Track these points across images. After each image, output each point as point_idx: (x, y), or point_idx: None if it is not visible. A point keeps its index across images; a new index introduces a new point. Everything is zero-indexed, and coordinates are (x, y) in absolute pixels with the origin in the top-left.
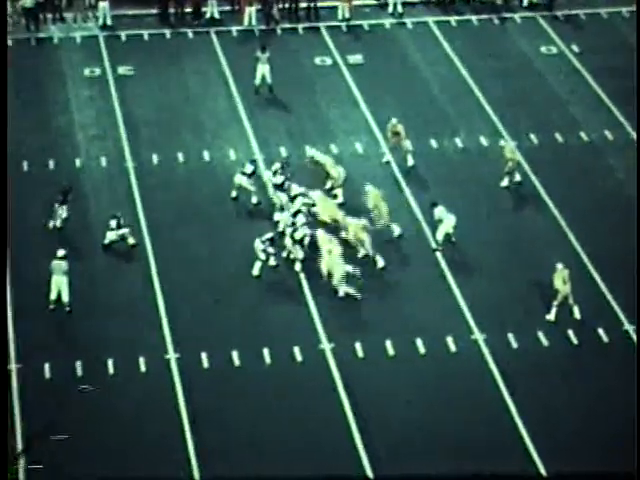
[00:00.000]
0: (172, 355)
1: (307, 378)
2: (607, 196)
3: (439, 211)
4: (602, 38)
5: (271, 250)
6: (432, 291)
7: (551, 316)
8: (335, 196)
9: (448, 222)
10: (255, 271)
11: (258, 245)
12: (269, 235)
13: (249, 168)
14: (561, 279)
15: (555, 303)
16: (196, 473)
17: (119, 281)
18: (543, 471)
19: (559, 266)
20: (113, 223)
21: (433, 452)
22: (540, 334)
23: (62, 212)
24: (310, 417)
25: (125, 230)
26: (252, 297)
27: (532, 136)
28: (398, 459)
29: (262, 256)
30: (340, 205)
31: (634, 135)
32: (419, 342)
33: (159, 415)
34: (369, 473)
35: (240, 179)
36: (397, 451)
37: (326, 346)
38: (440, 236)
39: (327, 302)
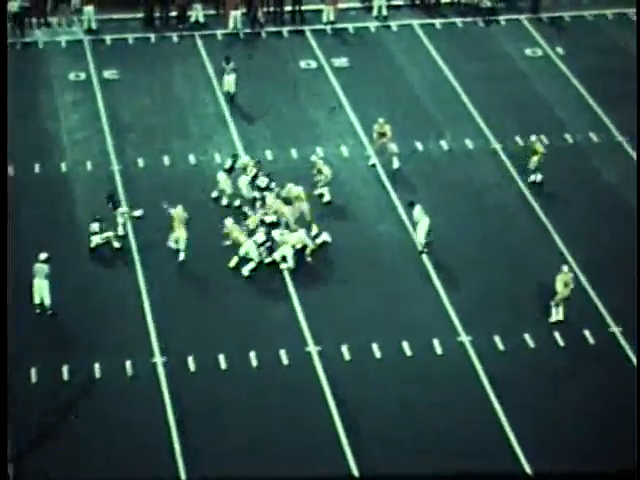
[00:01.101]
0: (159, 359)
1: (294, 381)
2: (593, 198)
3: (416, 211)
4: (587, 40)
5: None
6: (418, 293)
7: (552, 318)
8: (321, 195)
9: (423, 224)
10: (245, 272)
11: (252, 247)
12: (262, 237)
13: (228, 163)
14: (563, 282)
15: (552, 304)
16: (183, 475)
17: (106, 285)
18: (530, 471)
19: (564, 268)
20: (95, 226)
21: (420, 453)
22: (526, 336)
23: (124, 212)
24: (297, 420)
25: (110, 233)
26: (239, 300)
27: (517, 138)
28: (385, 460)
29: (256, 257)
30: (326, 204)
31: (619, 137)
32: (405, 344)
33: (146, 418)
34: (355, 473)
35: (220, 177)
36: (384, 452)
37: (312, 349)
38: (422, 237)
39: (313, 304)
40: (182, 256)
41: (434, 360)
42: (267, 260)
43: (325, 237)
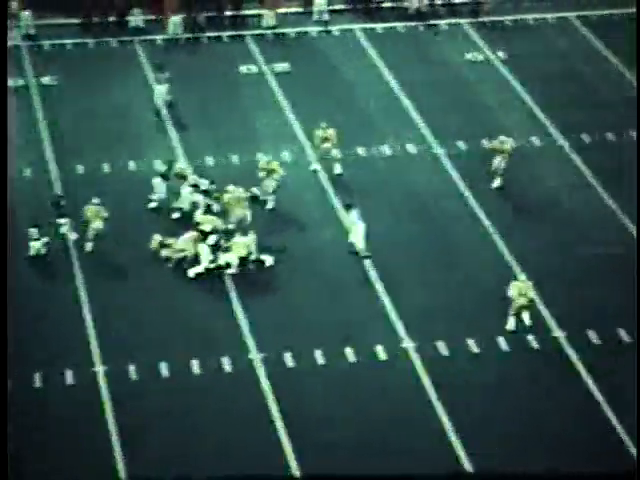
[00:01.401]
0: (100, 368)
1: (236, 388)
2: (535, 203)
3: (352, 216)
4: (528, 45)
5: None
6: (361, 299)
7: (509, 325)
8: (265, 202)
9: (358, 228)
10: (191, 273)
11: (204, 250)
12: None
13: (164, 168)
14: (517, 290)
15: (511, 312)
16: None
17: (46, 292)
18: (472, 470)
19: (521, 277)
20: (34, 232)
21: (364, 457)
22: (470, 342)
23: (65, 225)
24: (240, 428)
25: (46, 239)
26: (181, 306)
27: (460, 143)
28: (329, 464)
29: (205, 262)
30: (271, 211)
31: (561, 141)
32: (349, 351)
33: (87, 428)
34: (297, 474)
35: (155, 181)
36: (328, 456)
37: (256, 356)
38: (359, 242)
39: (257, 311)
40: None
41: (378, 366)
42: (211, 265)
43: (267, 258)
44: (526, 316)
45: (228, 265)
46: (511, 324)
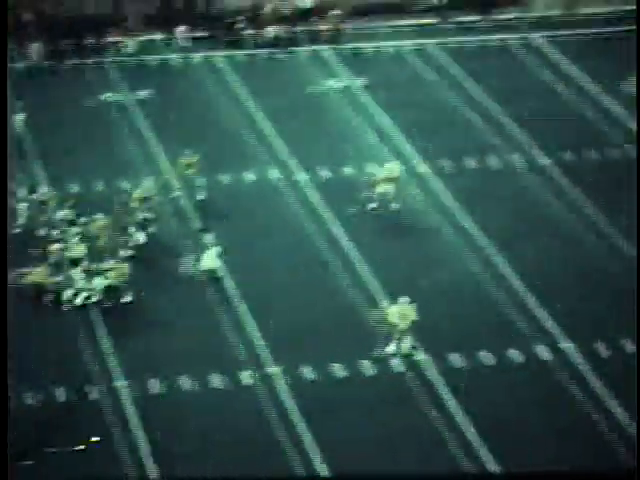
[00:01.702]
0: None
1: (100, 416)
2: (399, 227)
3: (208, 239)
4: (388, 72)
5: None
6: (224, 324)
7: (390, 348)
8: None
9: (211, 252)
10: (79, 300)
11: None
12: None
13: (25, 194)
14: (396, 313)
15: (394, 336)
16: None
17: None
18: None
19: (400, 299)
20: None
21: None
22: (335, 366)
23: None
24: (101, 455)
25: None
26: (42, 336)
27: (322, 169)
28: None
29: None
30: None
31: (419, 167)
32: (214, 377)
33: None
34: None
35: (19, 207)
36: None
37: (120, 383)
38: (209, 264)
39: (123, 338)
40: None
41: (242, 392)
42: (79, 294)
43: (127, 296)
44: (407, 340)
45: (94, 294)
46: (391, 348)
